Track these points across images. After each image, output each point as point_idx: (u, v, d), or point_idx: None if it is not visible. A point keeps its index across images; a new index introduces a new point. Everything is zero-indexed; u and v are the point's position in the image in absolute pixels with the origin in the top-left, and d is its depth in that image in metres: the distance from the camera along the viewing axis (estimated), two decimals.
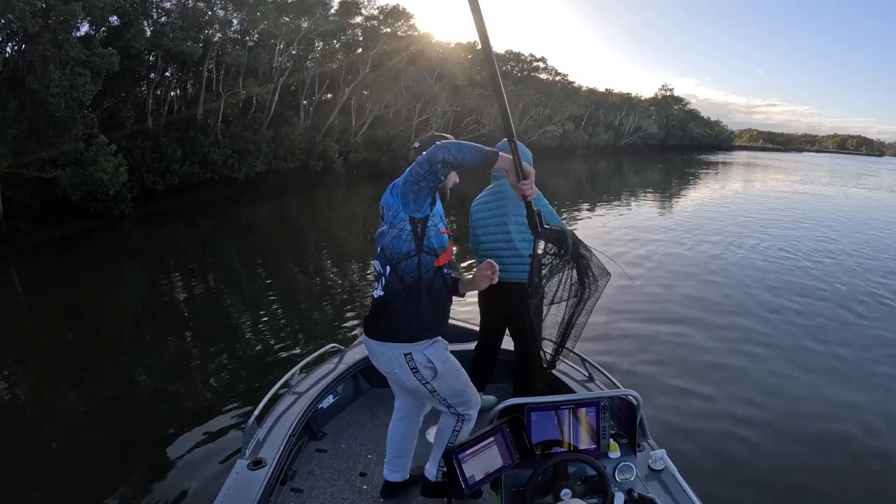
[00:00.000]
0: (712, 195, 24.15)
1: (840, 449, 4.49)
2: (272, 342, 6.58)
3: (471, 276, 2.44)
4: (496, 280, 2.35)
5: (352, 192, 20.53)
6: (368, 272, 9.67)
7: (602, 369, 3.49)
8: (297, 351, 6.17)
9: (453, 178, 2.55)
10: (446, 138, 2.28)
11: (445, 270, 2.35)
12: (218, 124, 17.17)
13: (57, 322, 7.18)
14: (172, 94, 17.07)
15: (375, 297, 2.38)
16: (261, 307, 7.71)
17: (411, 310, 2.31)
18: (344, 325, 7.09)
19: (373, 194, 20.48)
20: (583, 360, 3.60)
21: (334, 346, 3.97)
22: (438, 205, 2.35)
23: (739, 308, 7.61)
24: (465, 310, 4.76)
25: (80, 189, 11.39)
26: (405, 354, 2.34)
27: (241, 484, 2.54)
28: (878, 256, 11.52)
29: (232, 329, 7.07)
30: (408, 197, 2.19)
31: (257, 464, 2.66)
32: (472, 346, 3.58)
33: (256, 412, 2.93)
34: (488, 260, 2.36)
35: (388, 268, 2.31)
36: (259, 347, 6.48)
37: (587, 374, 3.55)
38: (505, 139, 2.28)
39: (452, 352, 3.63)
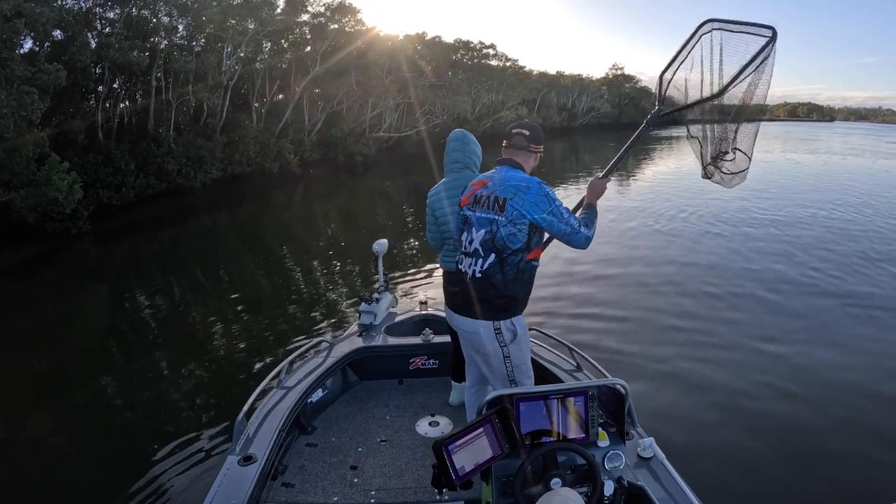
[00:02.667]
0: (668, 170, 25.02)
1: (831, 433, 4.52)
2: (254, 342, 6.80)
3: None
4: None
5: (309, 191, 20.58)
6: (333, 269, 9.88)
7: (590, 358, 3.51)
8: (280, 347, 6.38)
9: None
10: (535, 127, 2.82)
11: (534, 262, 2.66)
12: (170, 133, 16.93)
13: (23, 347, 7.12)
14: (122, 105, 16.76)
15: (471, 274, 2.63)
16: (238, 309, 7.93)
17: (511, 292, 2.61)
18: (318, 319, 7.35)
19: (330, 192, 20.63)
20: (570, 349, 3.63)
21: (322, 340, 4.03)
22: None
23: (722, 291, 7.89)
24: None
25: (35, 210, 11.20)
26: (494, 324, 2.63)
27: (232, 480, 2.55)
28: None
29: (212, 332, 7.26)
30: (545, 217, 2.53)
31: (247, 459, 2.67)
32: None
33: (245, 408, 2.96)
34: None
35: (492, 255, 2.58)
36: (240, 348, 6.69)
37: (575, 364, 3.58)
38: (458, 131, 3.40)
39: (443, 343, 3.90)
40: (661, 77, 2.82)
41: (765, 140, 51.65)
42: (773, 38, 2.48)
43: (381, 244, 4.40)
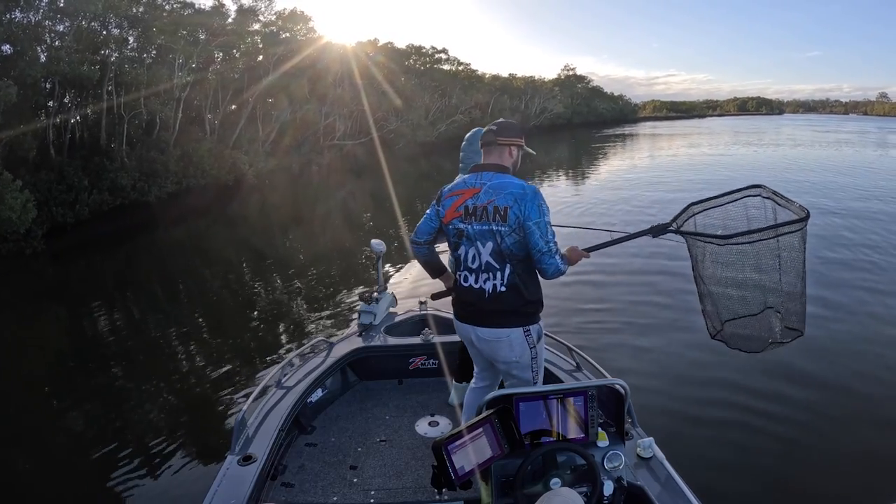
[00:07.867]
0: (624, 164, 25.97)
1: (833, 433, 4.49)
2: (251, 344, 6.97)
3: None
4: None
5: (266, 202, 20.44)
6: (310, 275, 9.96)
7: (589, 358, 3.50)
8: (279, 348, 6.54)
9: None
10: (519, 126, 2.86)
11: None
12: (123, 147, 16.64)
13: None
14: (73, 120, 16.40)
15: (490, 290, 2.59)
16: (228, 315, 8.11)
17: (535, 296, 2.65)
18: (302, 324, 7.59)
19: (284, 202, 20.57)
20: (570, 349, 3.61)
21: (321, 340, 4.05)
22: None
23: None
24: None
25: None
26: (524, 329, 2.63)
27: (232, 480, 2.56)
28: None
29: (209, 336, 7.44)
30: (529, 225, 2.51)
31: (247, 459, 2.68)
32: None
33: (245, 408, 2.98)
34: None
35: (507, 265, 2.56)
36: (238, 350, 6.82)
37: (574, 364, 3.56)
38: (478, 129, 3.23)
39: (442, 343, 4.02)
40: (689, 206, 2.83)
41: (717, 137, 53.27)
42: (805, 219, 2.48)
43: (380, 244, 4.35)
